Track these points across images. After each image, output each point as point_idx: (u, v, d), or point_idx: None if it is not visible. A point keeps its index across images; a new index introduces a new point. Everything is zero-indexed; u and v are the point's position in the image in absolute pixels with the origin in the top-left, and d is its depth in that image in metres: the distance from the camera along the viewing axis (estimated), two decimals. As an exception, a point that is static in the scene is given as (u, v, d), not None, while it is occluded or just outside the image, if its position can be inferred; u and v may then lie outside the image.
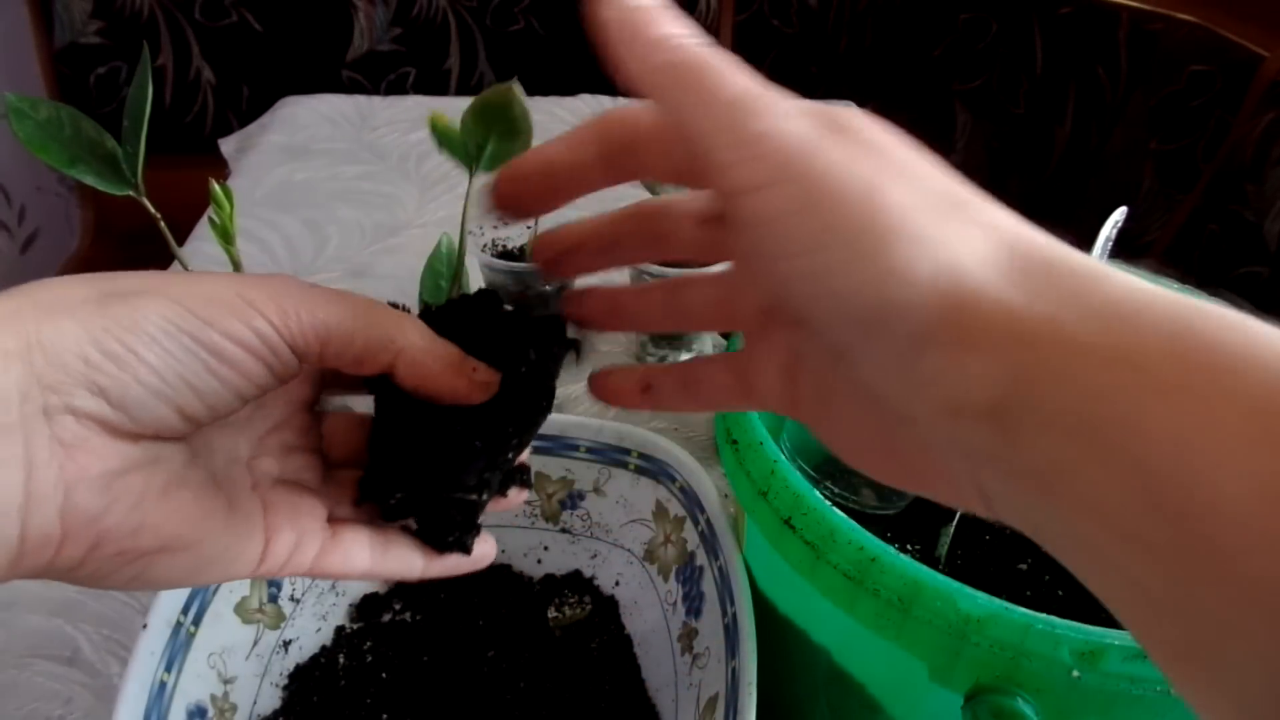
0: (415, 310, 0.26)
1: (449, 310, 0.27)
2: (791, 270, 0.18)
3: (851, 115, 0.19)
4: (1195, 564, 0.14)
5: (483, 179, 0.24)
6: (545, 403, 0.27)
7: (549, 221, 0.27)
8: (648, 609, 0.43)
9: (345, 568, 0.26)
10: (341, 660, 0.42)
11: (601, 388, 0.28)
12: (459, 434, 0.25)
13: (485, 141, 0.25)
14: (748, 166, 0.18)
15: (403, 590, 0.45)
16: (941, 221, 0.18)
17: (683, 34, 0.21)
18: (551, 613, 0.44)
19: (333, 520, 0.26)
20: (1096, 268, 0.18)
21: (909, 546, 0.41)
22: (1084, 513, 0.16)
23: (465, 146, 0.25)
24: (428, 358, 0.24)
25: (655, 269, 0.64)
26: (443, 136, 0.24)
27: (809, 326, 0.20)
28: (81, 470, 0.20)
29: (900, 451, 0.21)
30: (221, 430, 0.24)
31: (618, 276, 0.78)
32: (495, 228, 0.70)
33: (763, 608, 0.36)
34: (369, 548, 0.26)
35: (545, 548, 0.47)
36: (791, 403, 0.24)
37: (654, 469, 0.43)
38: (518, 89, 0.23)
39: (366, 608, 0.44)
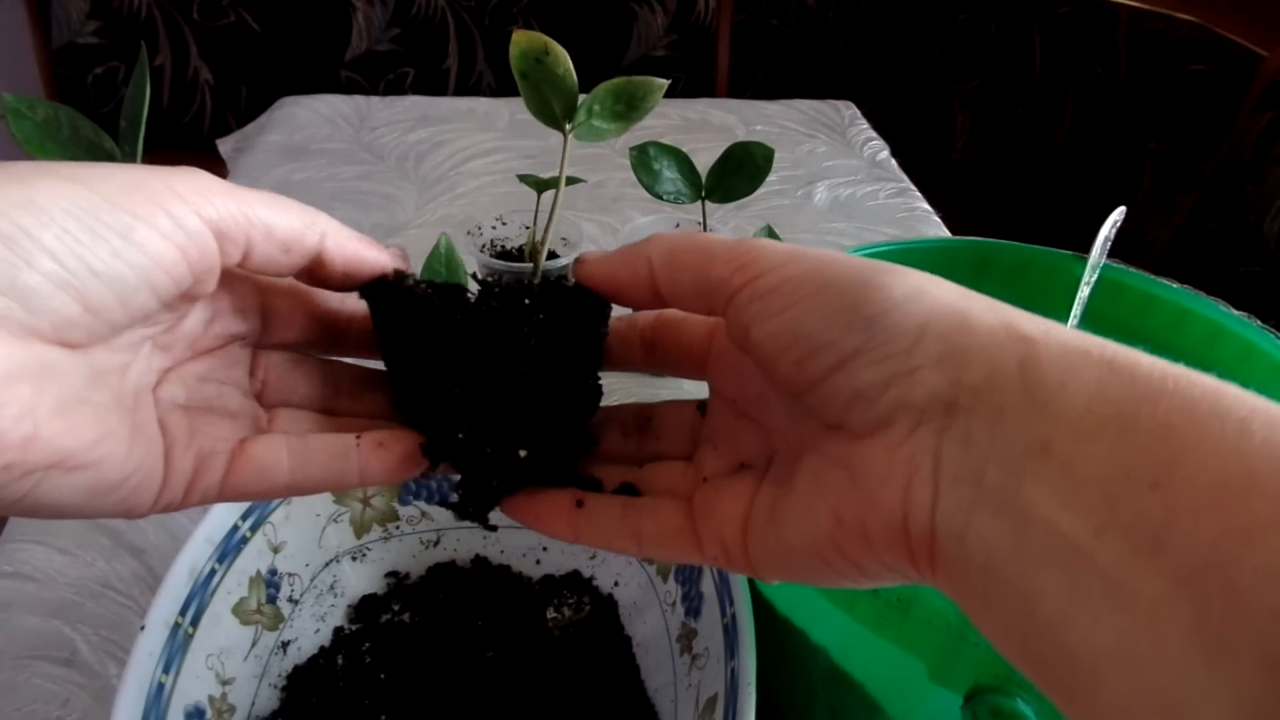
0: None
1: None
2: (797, 312, 0.21)
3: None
4: (1155, 535, 0.16)
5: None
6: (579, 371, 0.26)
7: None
8: (647, 609, 0.43)
9: (260, 483, 0.24)
10: (340, 661, 0.42)
11: (522, 508, 0.26)
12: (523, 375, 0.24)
13: (599, 112, 0.25)
14: (756, 260, 0.22)
15: (402, 591, 0.45)
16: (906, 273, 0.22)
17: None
18: (550, 613, 0.44)
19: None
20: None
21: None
22: (1057, 495, 0.17)
23: (572, 109, 0.25)
24: (349, 235, 0.24)
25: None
26: (548, 73, 0.24)
27: (799, 367, 0.21)
28: None
29: (847, 511, 0.21)
30: (132, 351, 0.22)
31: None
32: (494, 228, 0.70)
33: (762, 608, 0.36)
34: (287, 457, 0.24)
35: (544, 548, 0.47)
36: (739, 546, 0.24)
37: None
38: (661, 91, 0.24)
39: (365, 609, 0.44)
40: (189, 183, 0.21)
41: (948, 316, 0.20)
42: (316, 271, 0.24)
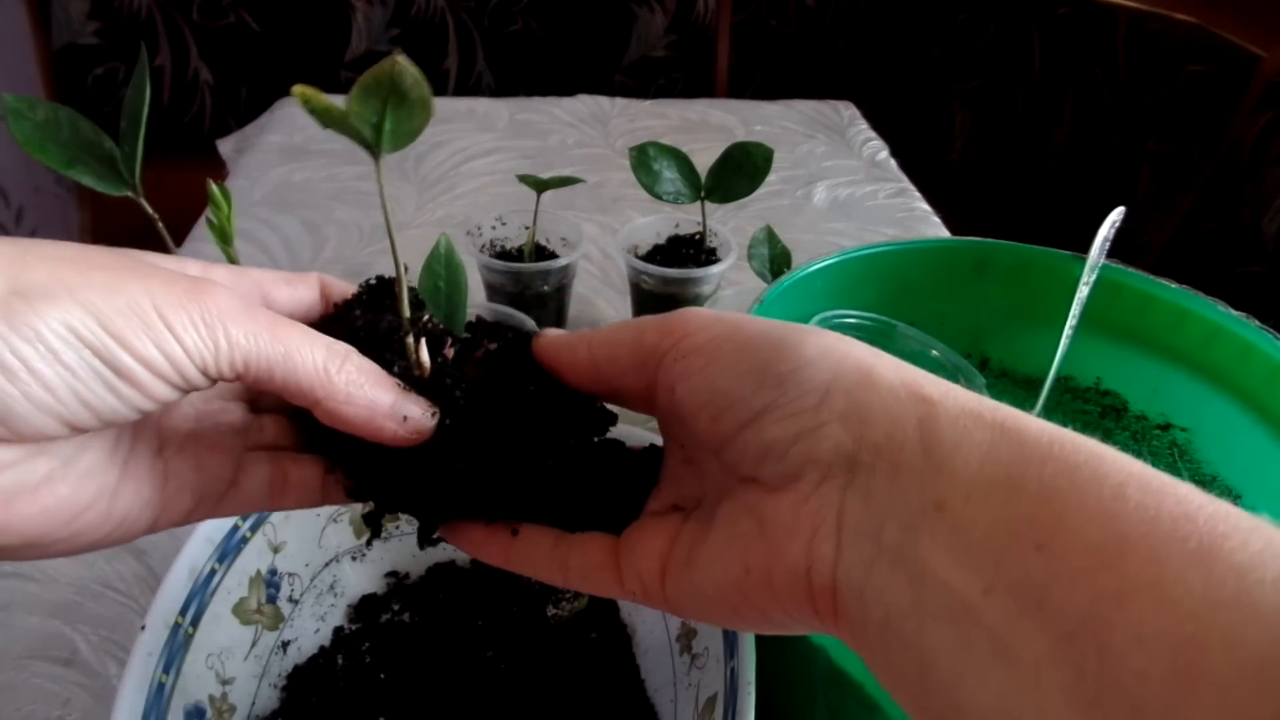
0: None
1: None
2: (713, 371, 0.23)
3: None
4: (1036, 596, 0.17)
5: (386, 157, 0.23)
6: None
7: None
8: (646, 609, 0.43)
9: (243, 511, 0.26)
10: (340, 661, 0.42)
11: (460, 534, 0.27)
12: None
13: (382, 118, 0.23)
14: (683, 324, 0.24)
15: (401, 591, 0.45)
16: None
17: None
18: (550, 610, 0.44)
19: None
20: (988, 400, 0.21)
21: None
22: (950, 553, 0.18)
23: (360, 130, 0.22)
24: (348, 408, 0.23)
25: (654, 270, 0.64)
26: (325, 117, 0.22)
27: (716, 422, 0.23)
28: None
29: (755, 560, 0.22)
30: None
31: (617, 277, 0.78)
32: (493, 228, 0.70)
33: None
34: (267, 491, 0.26)
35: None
36: (657, 581, 0.25)
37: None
38: (403, 59, 0.22)
39: (365, 609, 0.44)
40: (193, 316, 0.20)
41: (853, 373, 0.21)
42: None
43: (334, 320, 0.26)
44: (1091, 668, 0.16)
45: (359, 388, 0.23)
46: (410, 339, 0.25)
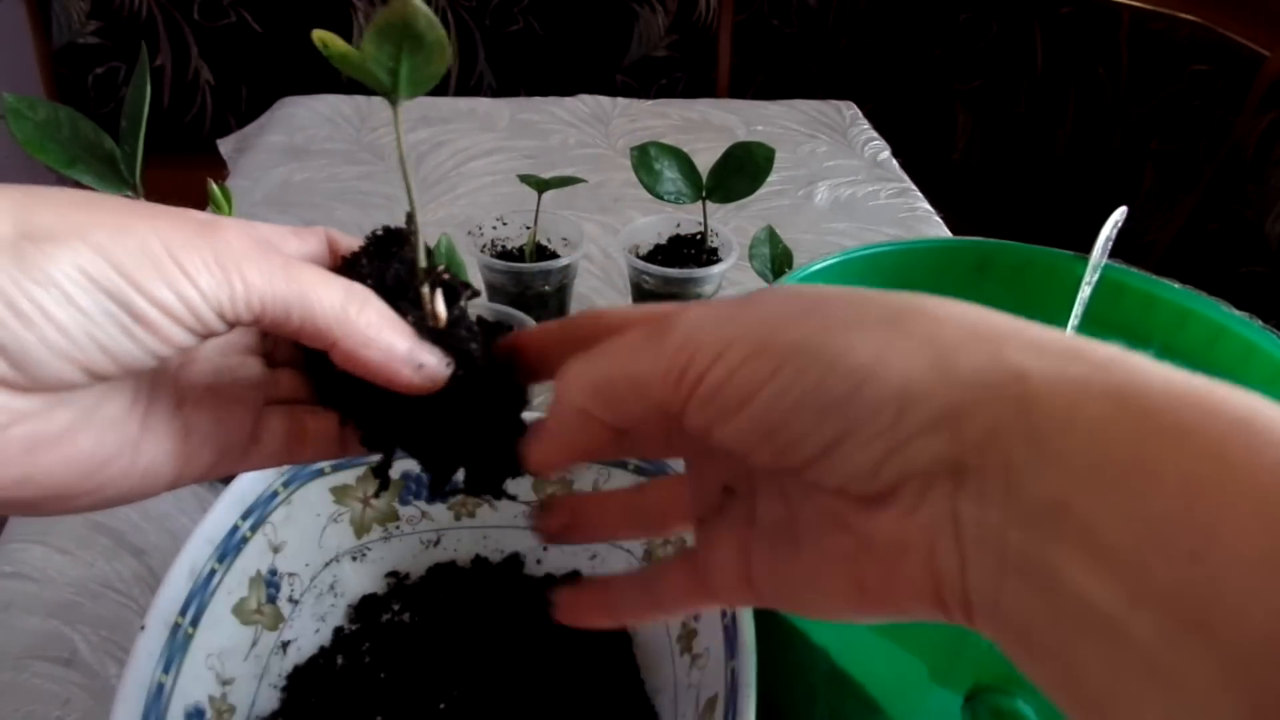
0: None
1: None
2: (756, 409, 0.19)
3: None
4: (1198, 612, 0.14)
5: (405, 103, 0.23)
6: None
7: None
8: (647, 610, 0.43)
9: (263, 465, 0.26)
10: (340, 661, 0.42)
11: (567, 610, 0.27)
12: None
13: (398, 63, 0.22)
14: (690, 361, 0.20)
15: (402, 591, 0.45)
16: (888, 325, 0.19)
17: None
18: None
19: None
20: (1088, 341, 0.18)
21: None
22: (1084, 559, 0.15)
23: (376, 74, 0.22)
24: (365, 351, 0.22)
25: (655, 270, 0.64)
26: (342, 60, 0.21)
27: (780, 458, 0.19)
28: None
29: (868, 579, 0.20)
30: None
31: (618, 277, 0.78)
32: (494, 228, 0.70)
33: (762, 608, 0.36)
34: (284, 442, 0.25)
35: (545, 548, 0.47)
36: (747, 586, 0.23)
37: (654, 469, 0.43)
38: (416, 1, 0.21)
39: (365, 609, 0.44)
40: (206, 256, 0.20)
41: (923, 367, 0.18)
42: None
43: (342, 271, 0.26)
44: (1275, 705, 0.13)
45: (377, 331, 0.22)
46: (426, 289, 0.25)
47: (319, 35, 0.21)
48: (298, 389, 0.26)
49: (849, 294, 0.20)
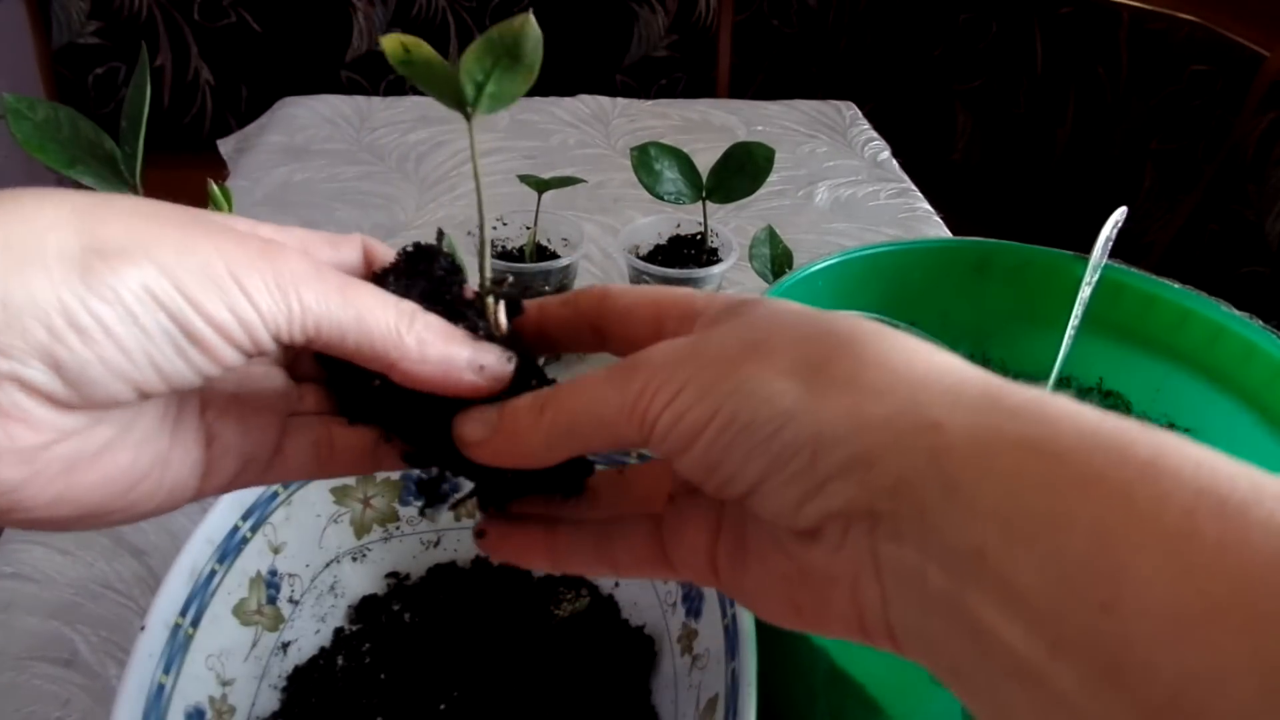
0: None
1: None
2: (698, 450, 0.20)
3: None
4: (1112, 663, 0.14)
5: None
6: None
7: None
8: (647, 610, 0.43)
9: (288, 479, 0.25)
10: (340, 662, 0.42)
11: (495, 543, 0.26)
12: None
13: (487, 78, 0.22)
14: (649, 404, 0.21)
15: (402, 591, 0.45)
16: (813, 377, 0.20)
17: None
18: (554, 611, 0.44)
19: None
20: (1005, 386, 0.18)
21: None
22: (1002, 607, 0.16)
23: (464, 85, 0.22)
24: (423, 368, 0.22)
25: (655, 270, 0.64)
26: (425, 69, 0.21)
27: (721, 492, 0.21)
28: (11, 441, 0.18)
29: (803, 602, 0.21)
30: None
31: (618, 277, 0.78)
32: (494, 228, 0.70)
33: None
34: (314, 459, 0.25)
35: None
36: (712, 570, 0.24)
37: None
38: (533, 22, 0.21)
39: (365, 609, 0.44)
40: (265, 278, 0.20)
41: (840, 417, 0.18)
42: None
43: (380, 282, 0.25)
44: None
45: (431, 345, 0.22)
46: (490, 300, 0.25)
47: (396, 39, 0.21)
48: (322, 403, 0.26)
49: (792, 330, 0.21)
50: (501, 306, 0.25)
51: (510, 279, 0.26)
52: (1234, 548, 0.14)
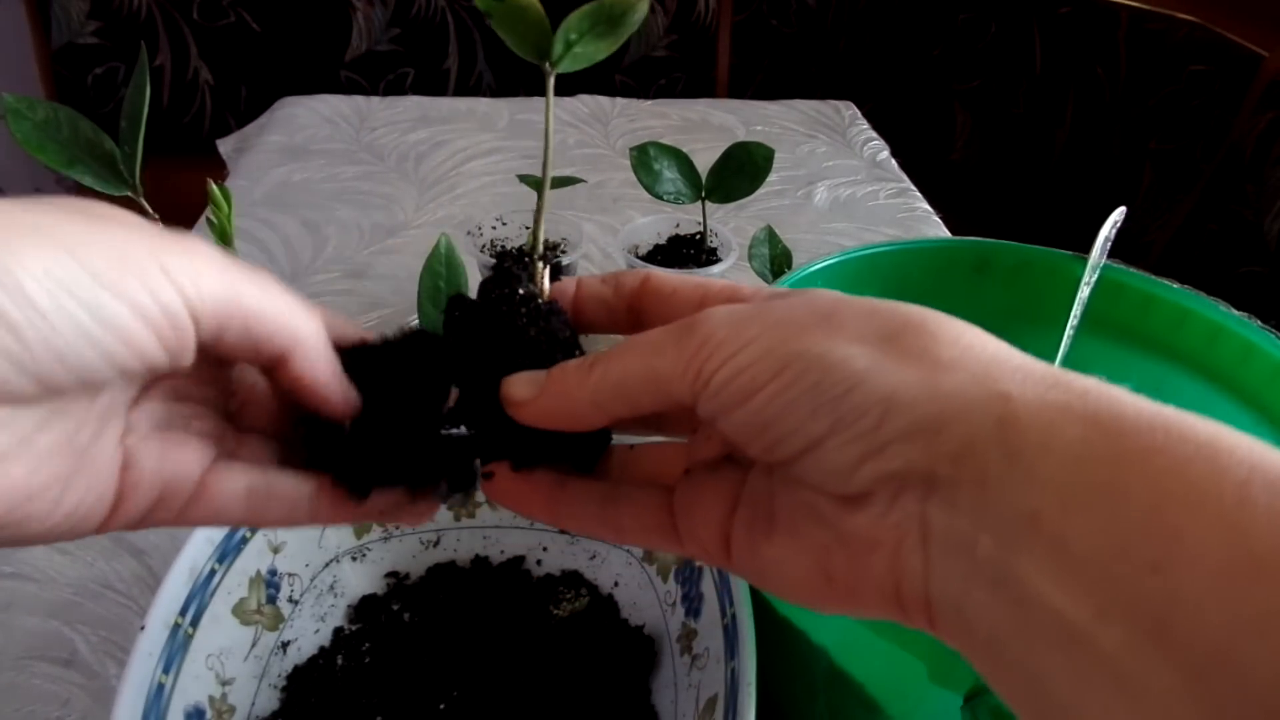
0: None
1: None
2: (756, 403, 0.20)
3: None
4: (1159, 621, 0.15)
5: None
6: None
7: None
8: (647, 609, 0.43)
9: (216, 519, 0.24)
10: (340, 661, 0.42)
11: (502, 489, 0.26)
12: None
13: (580, 38, 0.22)
14: (708, 357, 0.21)
15: (402, 591, 0.45)
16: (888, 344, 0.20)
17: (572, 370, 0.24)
18: (553, 610, 0.44)
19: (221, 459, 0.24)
20: (1070, 372, 0.19)
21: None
22: (1053, 571, 0.16)
23: (557, 41, 0.22)
24: (319, 356, 0.23)
25: (657, 271, 0.64)
26: (511, 11, 0.21)
27: (770, 452, 0.21)
28: None
29: (837, 570, 0.21)
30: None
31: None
32: (494, 228, 0.70)
33: (762, 608, 0.36)
34: (245, 500, 0.24)
35: (544, 548, 0.47)
36: (724, 548, 0.23)
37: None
38: (646, 2, 0.22)
39: (365, 609, 0.44)
40: (182, 260, 0.20)
41: (914, 382, 0.19)
42: (274, 373, 0.24)
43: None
44: (1232, 710, 0.14)
45: (325, 343, 0.23)
46: (540, 265, 0.26)
47: None
48: (264, 455, 0.25)
49: (860, 306, 0.21)
50: (547, 272, 0.26)
51: (562, 245, 0.27)
52: None
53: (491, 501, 0.27)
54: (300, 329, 0.22)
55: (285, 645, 0.41)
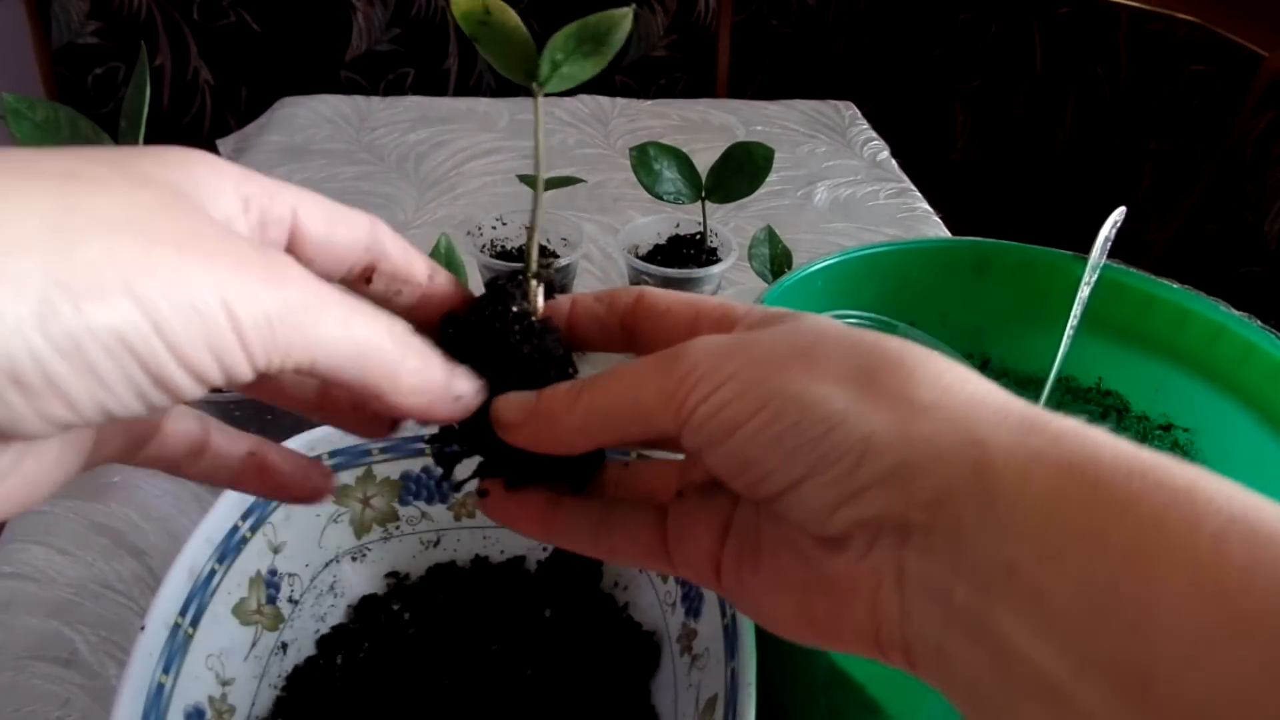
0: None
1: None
2: (736, 442, 0.20)
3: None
4: (1139, 682, 0.15)
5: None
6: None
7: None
8: (647, 609, 0.43)
9: (148, 466, 0.23)
10: (340, 661, 0.42)
11: (497, 506, 0.26)
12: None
13: (566, 58, 0.22)
14: (690, 391, 0.21)
15: (402, 591, 0.45)
16: (865, 385, 0.20)
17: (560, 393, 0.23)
18: (548, 613, 0.44)
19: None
20: (1046, 414, 0.18)
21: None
22: (1031, 623, 0.16)
23: (542, 62, 0.22)
24: (409, 401, 0.21)
25: (655, 270, 0.64)
26: (496, 34, 0.20)
27: (752, 490, 0.21)
28: None
29: (817, 611, 0.21)
30: None
31: (618, 277, 0.78)
32: (494, 228, 0.70)
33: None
34: (185, 450, 0.24)
35: (545, 549, 0.47)
36: (715, 573, 0.23)
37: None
38: (630, 18, 0.21)
39: (365, 609, 0.44)
40: (271, 324, 0.17)
41: (891, 425, 0.18)
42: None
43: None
44: None
45: (421, 376, 0.21)
46: (534, 283, 0.26)
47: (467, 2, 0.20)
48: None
49: (841, 341, 0.21)
50: (541, 290, 0.26)
51: (553, 263, 0.27)
52: (1263, 572, 0.14)
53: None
54: (384, 390, 0.20)
55: (285, 645, 0.41)
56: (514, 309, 0.25)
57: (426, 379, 0.21)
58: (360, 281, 0.24)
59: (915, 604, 0.18)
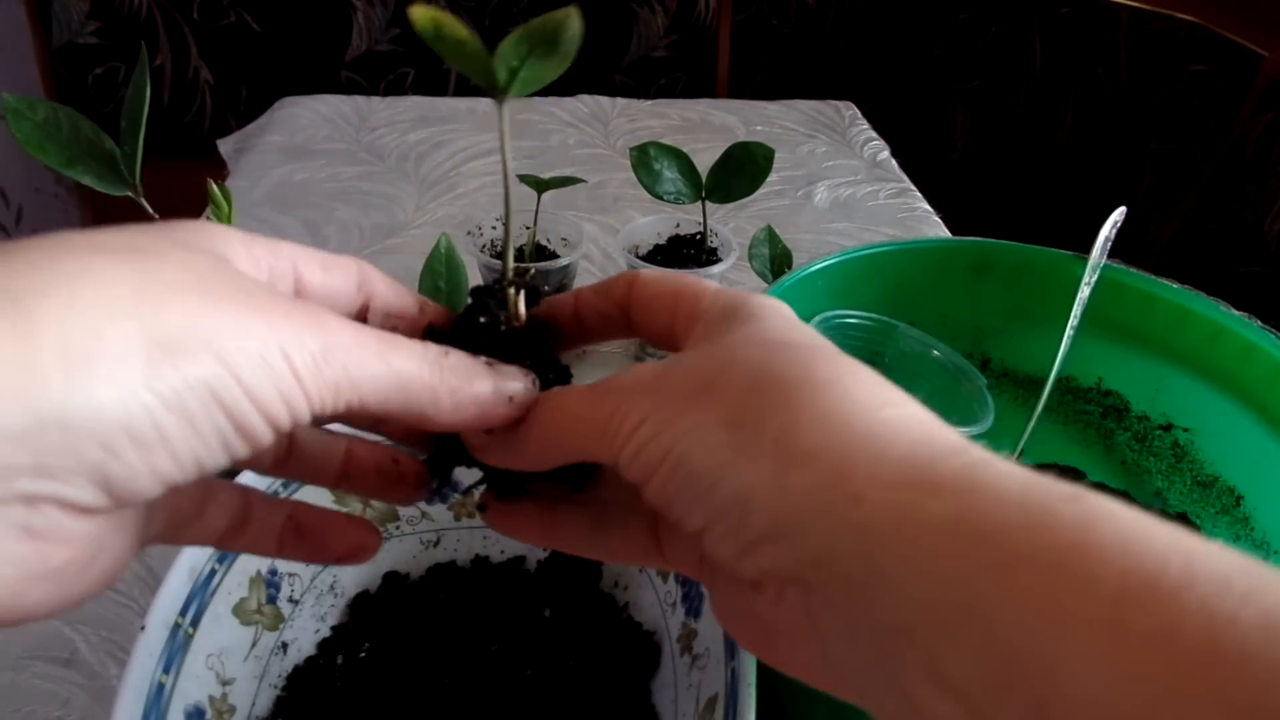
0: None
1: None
2: (652, 490, 0.20)
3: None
4: None
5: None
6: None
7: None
8: (647, 609, 0.43)
9: (197, 544, 0.25)
10: (340, 661, 0.42)
11: (499, 518, 0.27)
12: None
13: (522, 64, 0.22)
14: (615, 430, 0.21)
15: (401, 591, 0.45)
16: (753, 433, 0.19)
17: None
18: (547, 613, 0.44)
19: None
20: (934, 452, 0.17)
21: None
22: (935, 690, 0.15)
23: (498, 70, 0.22)
24: (457, 417, 0.22)
25: (655, 270, 0.64)
26: (455, 48, 0.21)
27: (680, 528, 0.20)
28: (44, 564, 0.16)
29: (761, 643, 0.21)
30: None
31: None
32: (494, 228, 0.70)
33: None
34: (225, 526, 0.25)
35: (544, 549, 0.47)
36: (705, 578, 0.24)
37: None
38: (576, 16, 0.21)
39: (365, 608, 0.44)
40: (321, 365, 0.19)
41: (766, 482, 0.18)
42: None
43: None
44: None
45: (463, 393, 0.22)
46: (512, 291, 0.26)
47: (428, 13, 0.21)
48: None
49: (747, 368, 0.20)
50: (522, 296, 0.26)
51: (532, 271, 0.27)
52: (1163, 641, 0.13)
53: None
54: (428, 412, 0.21)
55: (285, 645, 0.41)
56: (482, 319, 0.25)
57: (469, 394, 0.22)
58: (358, 320, 0.24)
59: (832, 649, 0.18)
